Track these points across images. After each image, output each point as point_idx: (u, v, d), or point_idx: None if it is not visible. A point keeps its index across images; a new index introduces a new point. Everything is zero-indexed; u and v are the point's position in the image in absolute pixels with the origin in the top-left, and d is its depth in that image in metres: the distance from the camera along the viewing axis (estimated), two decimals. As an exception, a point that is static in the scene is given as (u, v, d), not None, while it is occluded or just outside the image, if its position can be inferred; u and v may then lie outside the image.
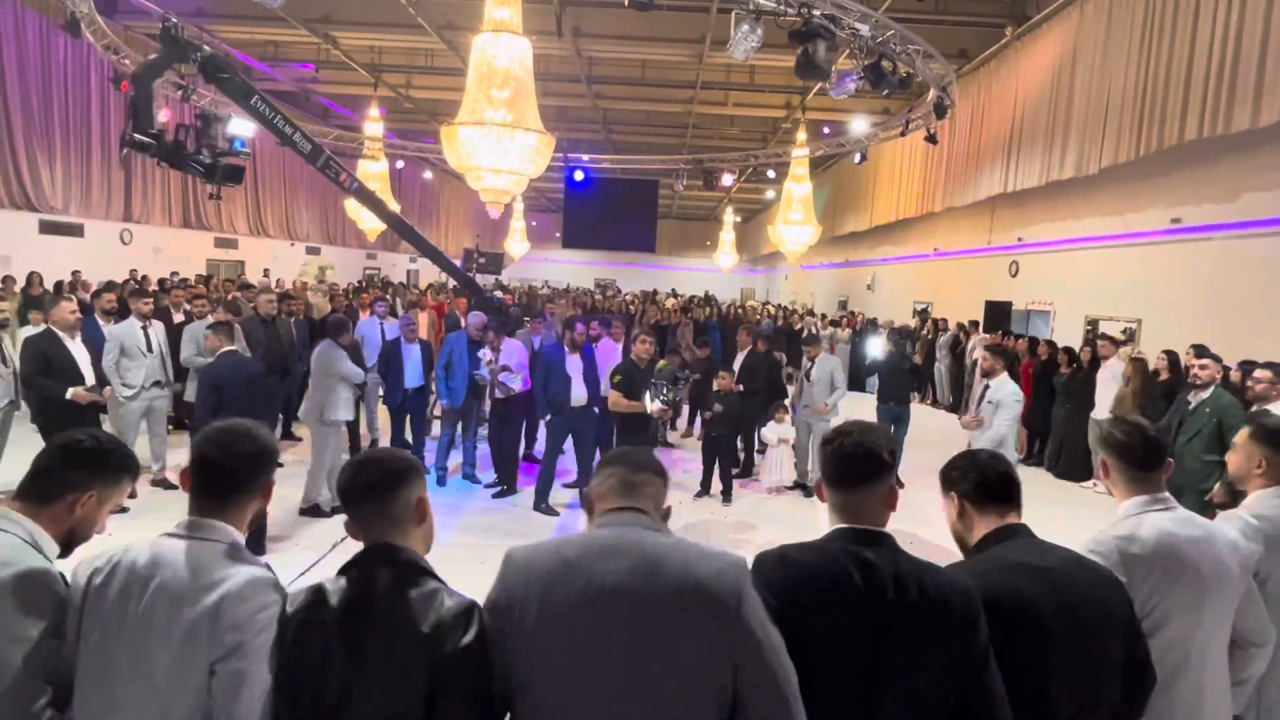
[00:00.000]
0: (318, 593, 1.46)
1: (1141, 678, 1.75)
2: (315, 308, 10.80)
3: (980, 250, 14.62)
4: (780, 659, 1.39)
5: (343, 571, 1.50)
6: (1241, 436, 2.30)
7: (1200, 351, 5.96)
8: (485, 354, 6.68)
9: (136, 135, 5.24)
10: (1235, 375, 5.22)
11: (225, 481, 1.60)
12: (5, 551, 1.55)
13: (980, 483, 1.81)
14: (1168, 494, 1.98)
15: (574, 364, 6.36)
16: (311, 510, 6.01)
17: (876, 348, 8.15)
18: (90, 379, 5.53)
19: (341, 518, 1.57)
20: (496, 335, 6.82)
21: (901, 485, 7.95)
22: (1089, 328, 10.67)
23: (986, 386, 5.86)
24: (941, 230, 16.26)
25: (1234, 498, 2.29)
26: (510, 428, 6.85)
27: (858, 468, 1.59)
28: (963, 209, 13.94)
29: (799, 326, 16.25)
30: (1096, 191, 10.76)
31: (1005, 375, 5.84)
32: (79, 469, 1.68)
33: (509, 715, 1.45)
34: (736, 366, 7.70)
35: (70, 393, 5.31)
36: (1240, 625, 1.95)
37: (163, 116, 13.97)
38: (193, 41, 5.59)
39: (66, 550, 1.69)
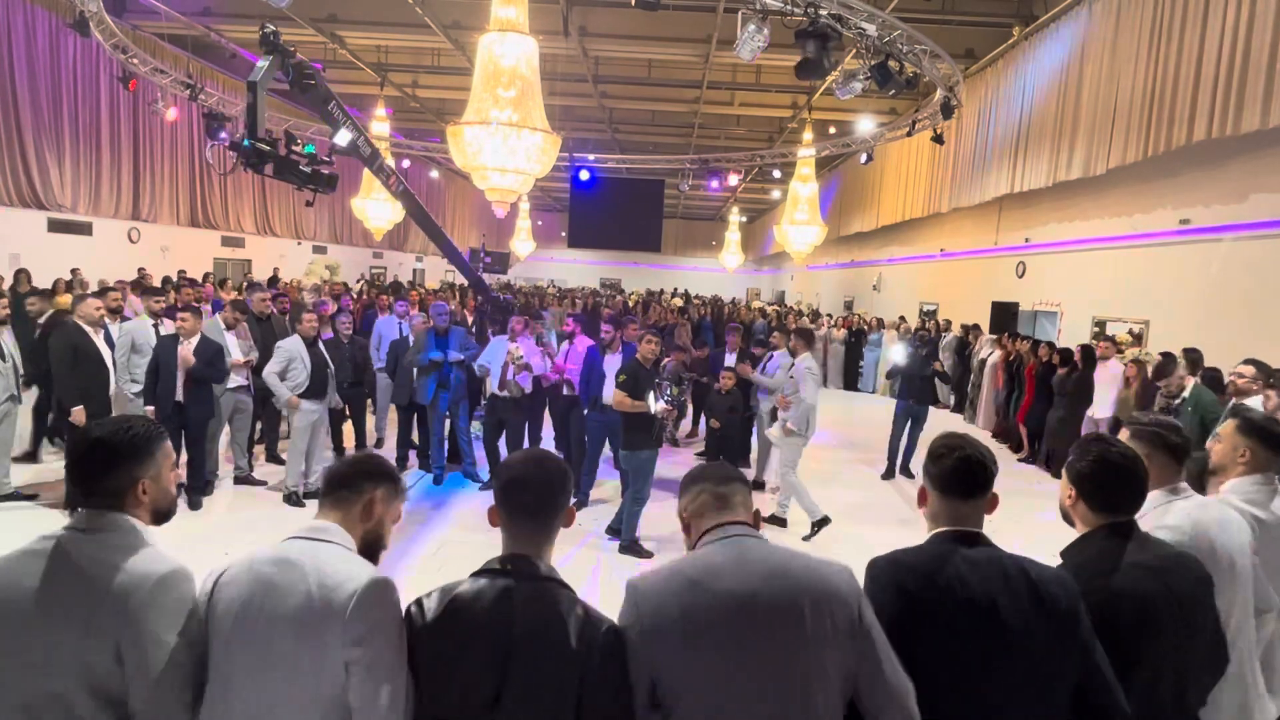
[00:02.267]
0: (456, 599, 1.50)
1: (1221, 659, 1.95)
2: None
3: (987, 251, 14.57)
4: (894, 657, 1.50)
5: (478, 576, 1.54)
6: (1227, 428, 2.43)
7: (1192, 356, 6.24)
8: (514, 347, 6.68)
9: (257, 144, 5.28)
10: (1234, 377, 5.36)
11: (345, 487, 1.67)
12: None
13: (1095, 480, 1.87)
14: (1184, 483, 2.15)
15: (611, 363, 6.43)
16: (287, 498, 6.27)
17: (897, 353, 8.17)
18: (113, 374, 5.79)
19: (313, 504, 1.62)
20: (520, 330, 6.86)
21: (912, 475, 8.00)
22: (1096, 328, 10.62)
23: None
24: (948, 231, 16.21)
25: (1200, 486, 2.48)
26: (512, 431, 6.84)
27: (977, 479, 1.71)
28: (969, 209, 13.89)
29: (793, 327, 16.18)
30: (1104, 192, 10.71)
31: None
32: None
33: None
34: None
35: (73, 414, 5.46)
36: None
37: (170, 116, 14.09)
38: (288, 48, 5.70)
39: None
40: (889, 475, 8.18)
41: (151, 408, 5.70)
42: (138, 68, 12.70)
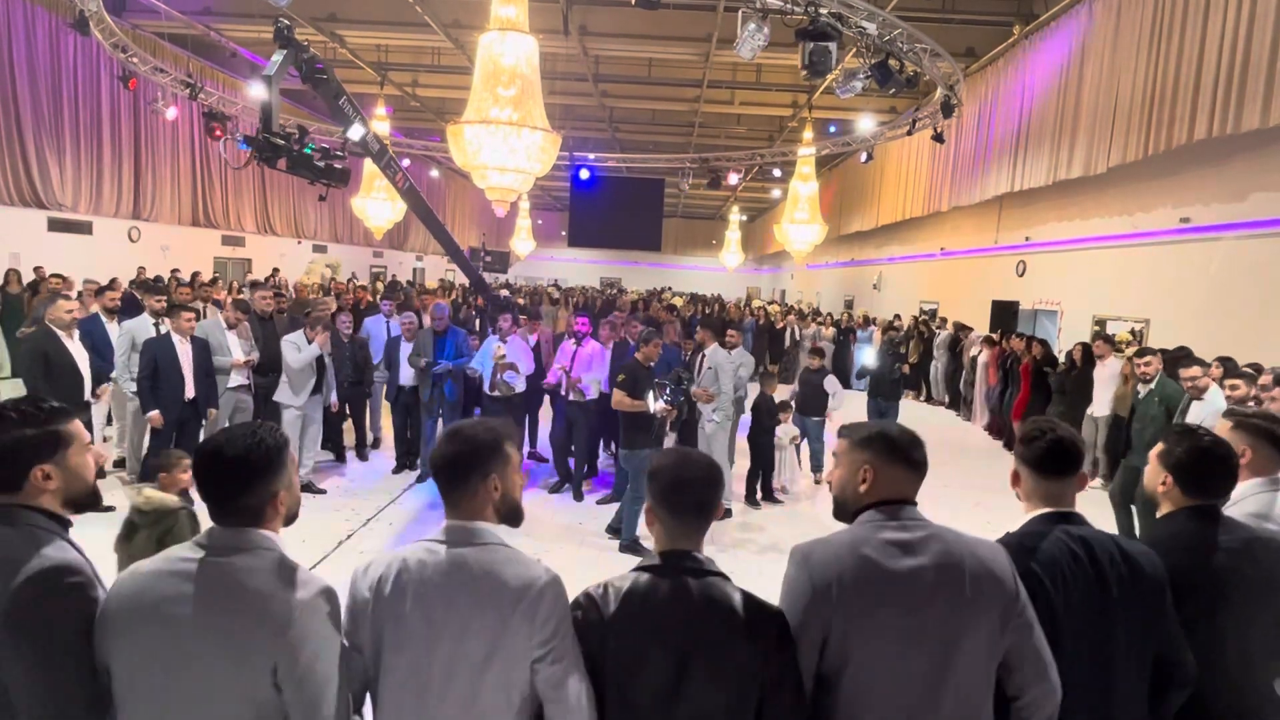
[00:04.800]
0: (631, 594, 1.56)
1: None
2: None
3: (987, 250, 14.56)
4: (1042, 634, 1.61)
5: (642, 571, 1.60)
6: (1223, 427, 2.34)
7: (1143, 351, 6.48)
8: (498, 347, 6.68)
9: (272, 139, 5.24)
10: (1215, 372, 5.59)
11: (457, 479, 1.63)
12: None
13: (1194, 468, 2.00)
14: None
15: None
16: None
17: (869, 356, 8.25)
18: (88, 379, 5.51)
19: (312, 501, 1.60)
20: (507, 329, 6.85)
21: None
22: (1096, 327, 10.61)
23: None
24: (948, 229, 16.21)
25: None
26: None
27: (1071, 458, 1.84)
28: (969, 208, 13.89)
29: (781, 325, 16.26)
30: (1105, 191, 10.70)
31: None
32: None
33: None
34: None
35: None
36: None
37: (171, 115, 14.08)
38: (301, 42, 5.69)
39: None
40: None
41: (156, 413, 5.65)
42: (138, 67, 12.69)
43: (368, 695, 1.59)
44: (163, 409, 5.66)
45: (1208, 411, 5.18)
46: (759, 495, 7.08)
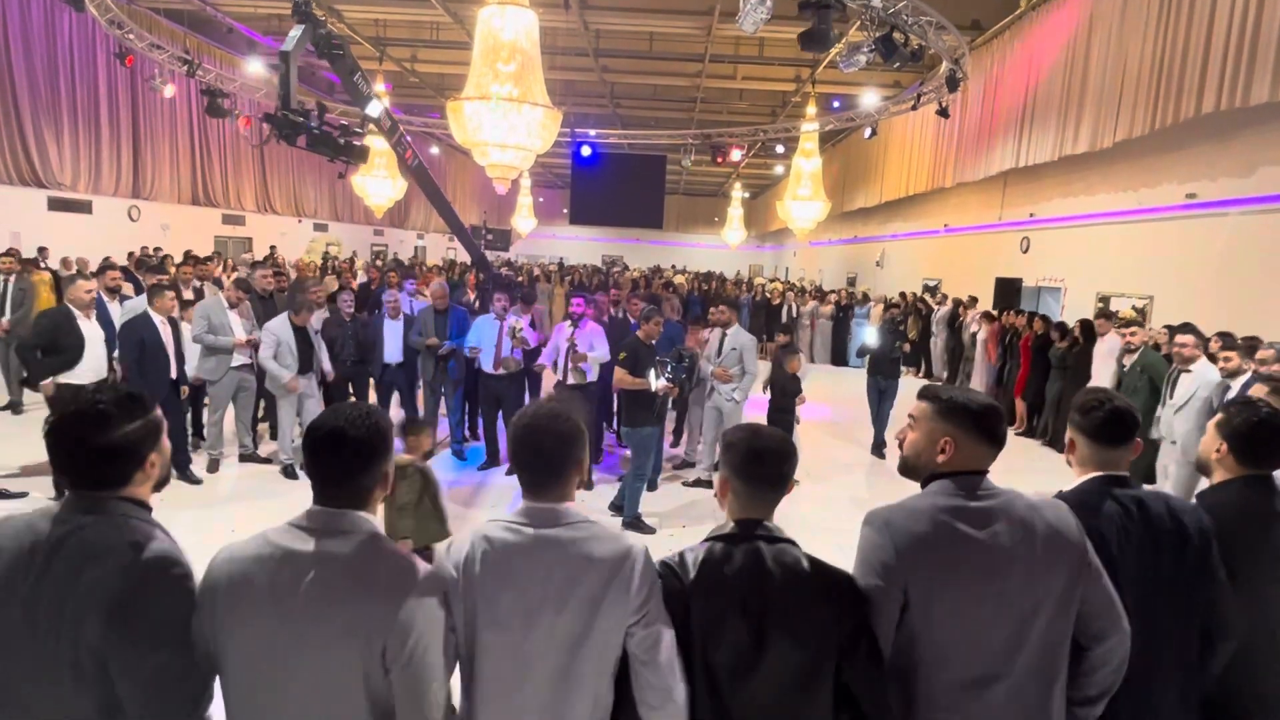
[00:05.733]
0: (708, 561, 1.62)
1: None
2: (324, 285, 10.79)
3: (991, 226, 14.48)
4: (1113, 591, 1.69)
5: (716, 540, 1.66)
6: (1259, 390, 2.37)
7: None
8: (514, 321, 6.68)
9: (290, 115, 5.16)
10: (1214, 346, 5.51)
11: (552, 466, 1.64)
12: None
13: (1251, 437, 2.08)
14: None
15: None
16: (284, 471, 6.41)
17: (871, 335, 8.18)
18: (97, 360, 5.49)
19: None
20: (520, 306, 6.86)
21: (883, 456, 7.98)
22: (1100, 304, 10.57)
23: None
24: (952, 206, 16.10)
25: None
26: (510, 406, 6.83)
27: (1127, 427, 1.93)
28: (974, 184, 13.78)
29: (777, 302, 16.23)
30: (1110, 166, 10.61)
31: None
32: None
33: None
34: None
35: (41, 386, 5.31)
36: None
37: (169, 92, 13.98)
38: (320, 17, 5.60)
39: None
40: (876, 448, 8.17)
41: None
42: (134, 43, 12.58)
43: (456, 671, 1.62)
44: (151, 389, 5.68)
45: (1198, 384, 5.20)
46: None
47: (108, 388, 1.53)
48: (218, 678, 1.49)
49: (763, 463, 1.68)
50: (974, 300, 12.97)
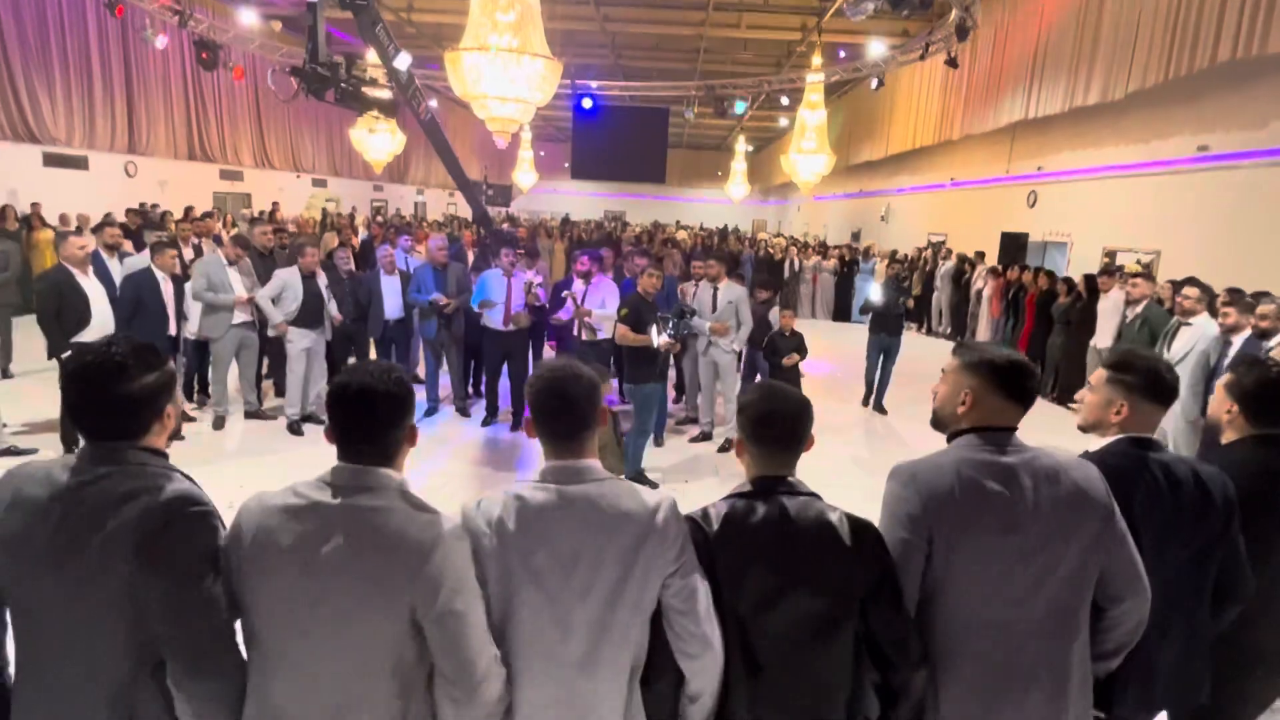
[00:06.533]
0: (731, 515, 1.66)
1: None
2: (323, 242, 10.74)
3: (998, 180, 14.28)
4: (1135, 552, 1.72)
5: (739, 497, 1.70)
6: (1219, 382, 2.29)
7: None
8: (528, 276, 6.64)
9: (319, 69, 5.03)
10: (1221, 301, 5.41)
11: (583, 421, 1.65)
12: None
13: (1260, 396, 2.12)
14: None
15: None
16: (290, 427, 6.46)
17: (875, 291, 8.11)
18: (104, 317, 5.48)
19: (320, 434, 1.60)
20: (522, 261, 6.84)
21: (885, 412, 8.04)
22: (1106, 259, 10.48)
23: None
24: (959, 159, 15.86)
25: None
26: (517, 364, 6.84)
27: (1175, 389, 1.95)
28: (981, 137, 13.55)
29: (780, 258, 16.13)
30: (1121, 118, 10.41)
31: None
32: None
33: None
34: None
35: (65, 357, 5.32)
36: None
37: (160, 44, 13.70)
38: None
39: None
40: (866, 402, 8.24)
41: None
42: (124, -8, 12.26)
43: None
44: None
45: (1197, 337, 5.17)
46: None
47: (121, 340, 1.53)
48: (240, 624, 1.52)
49: (772, 424, 1.70)
50: (980, 255, 12.87)
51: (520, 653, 1.57)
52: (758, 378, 7.61)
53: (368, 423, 1.52)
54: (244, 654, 1.52)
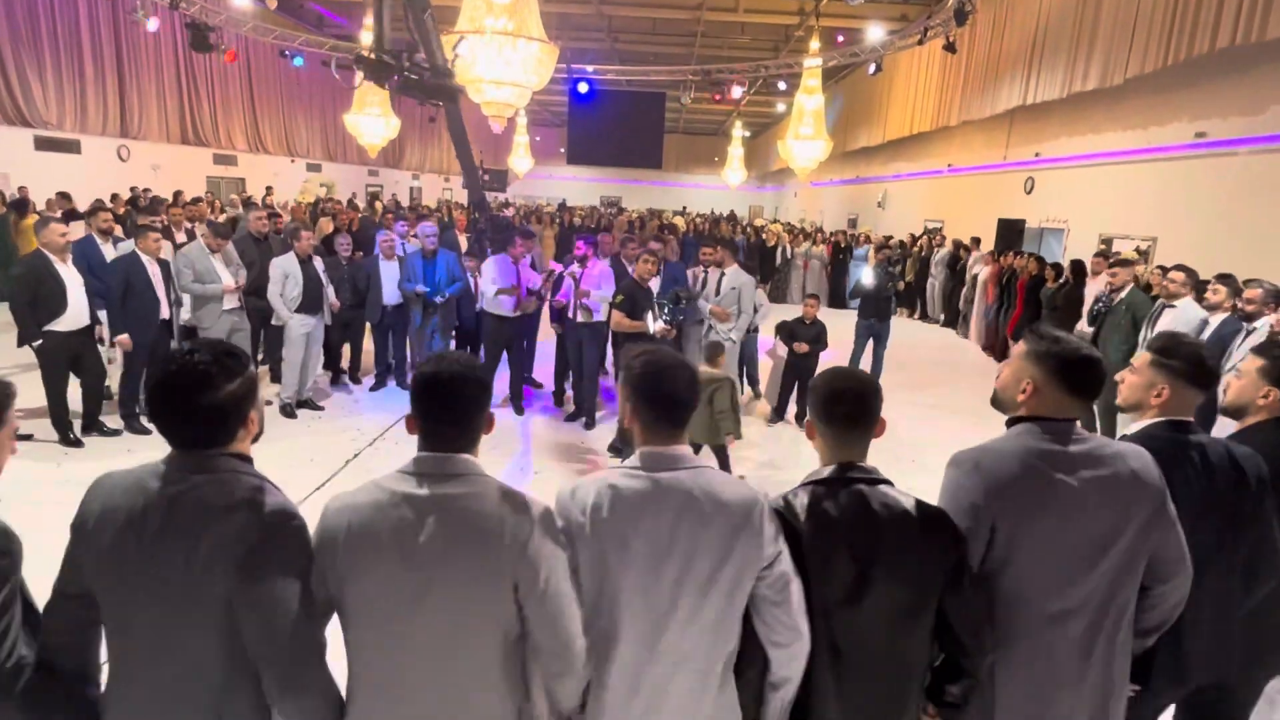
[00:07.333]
0: (814, 503, 1.67)
1: None
2: (319, 227, 10.66)
3: (995, 166, 14.23)
4: (1182, 537, 1.76)
5: (813, 485, 1.70)
6: (1250, 364, 2.26)
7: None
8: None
9: (384, 58, 4.95)
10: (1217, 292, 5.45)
11: (689, 408, 1.67)
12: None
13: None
14: None
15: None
16: (282, 409, 6.45)
17: (866, 276, 8.07)
18: (79, 305, 5.41)
19: (316, 422, 1.59)
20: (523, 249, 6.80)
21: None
22: (1103, 245, 10.47)
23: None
24: (956, 145, 15.80)
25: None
26: (517, 351, 6.82)
27: (1215, 375, 1.99)
28: (979, 123, 13.49)
29: (773, 244, 16.10)
30: (1119, 104, 10.35)
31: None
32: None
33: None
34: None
35: (37, 345, 5.27)
36: None
37: (152, 26, 13.54)
38: None
39: None
40: None
41: (125, 336, 5.61)
42: (113, -26, 12.12)
43: None
44: (137, 330, 5.63)
45: (1180, 322, 5.18)
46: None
47: (203, 345, 1.52)
48: (340, 625, 1.53)
49: (840, 402, 1.71)
50: (977, 241, 12.85)
51: (611, 639, 1.57)
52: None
53: (458, 409, 1.54)
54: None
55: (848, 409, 1.71)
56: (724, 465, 5.16)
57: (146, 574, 1.42)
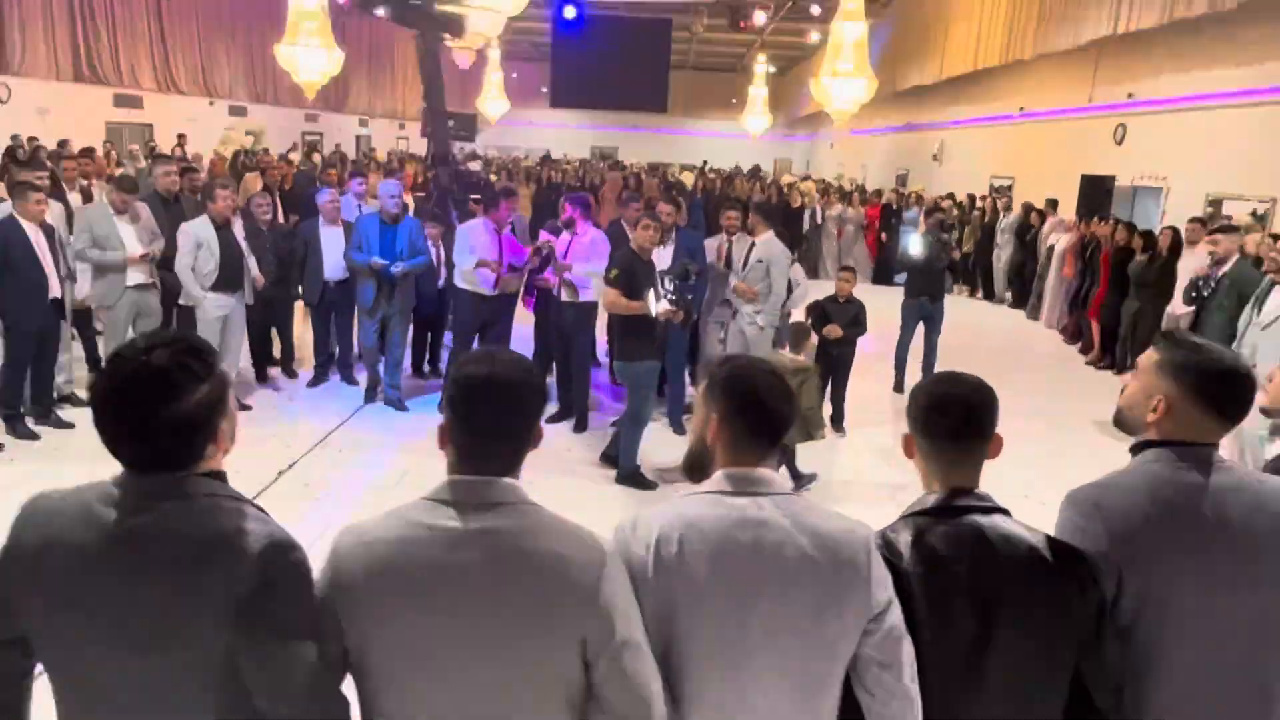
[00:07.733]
0: (922, 540, 1.65)
1: None
2: (243, 185, 10.63)
3: (1078, 110, 14.23)
4: None
5: (923, 515, 1.70)
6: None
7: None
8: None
9: None
10: None
11: (787, 424, 1.68)
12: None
13: None
14: None
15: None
16: None
17: (914, 245, 8.03)
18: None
19: (241, 424, 1.57)
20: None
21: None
22: (1210, 209, 10.45)
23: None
24: (1030, 85, 15.80)
25: None
26: (499, 333, 6.82)
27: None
28: (1058, 57, 13.45)
29: (798, 204, 16.11)
30: (1235, 33, 10.32)
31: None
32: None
33: None
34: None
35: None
36: None
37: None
38: None
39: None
40: (899, 387, 7.94)
41: None
42: None
43: None
44: (24, 310, 5.64)
45: None
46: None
47: (159, 340, 1.43)
48: (357, 689, 1.50)
49: (947, 411, 1.70)
50: (1053, 205, 12.83)
51: (680, 703, 1.55)
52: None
53: (509, 421, 1.51)
54: None
55: (954, 421, 1.69)
56: (792, 470, 5.33)
57: (108, 625, 1.37)
